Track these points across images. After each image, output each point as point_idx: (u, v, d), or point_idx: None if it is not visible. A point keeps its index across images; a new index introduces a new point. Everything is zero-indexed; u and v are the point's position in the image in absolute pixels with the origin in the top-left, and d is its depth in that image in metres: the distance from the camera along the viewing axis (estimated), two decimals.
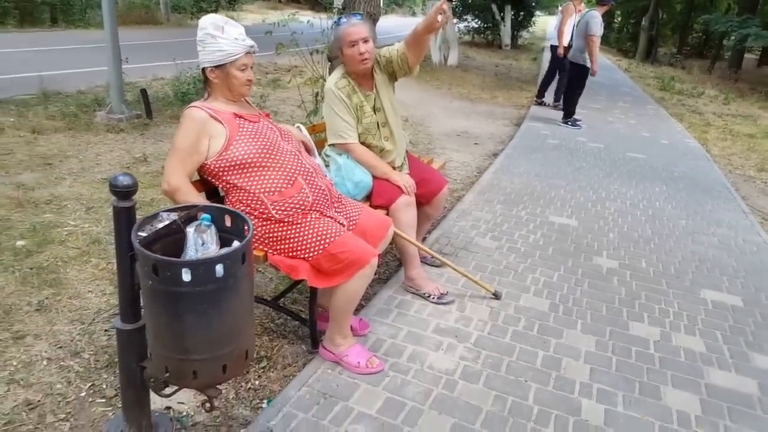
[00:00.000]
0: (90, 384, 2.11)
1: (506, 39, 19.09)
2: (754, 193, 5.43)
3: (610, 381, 2.28)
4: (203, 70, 2.07)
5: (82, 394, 2.06)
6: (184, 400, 2.05)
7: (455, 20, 17.13)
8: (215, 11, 21.72)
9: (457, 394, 2.13)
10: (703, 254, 3.67)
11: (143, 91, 6.05)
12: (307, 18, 5.42)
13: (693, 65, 19.53)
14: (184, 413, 2.00)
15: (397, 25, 21.53)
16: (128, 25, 15.45)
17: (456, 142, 6.53)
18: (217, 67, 2.03)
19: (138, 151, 4.85)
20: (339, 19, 2.68)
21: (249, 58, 2.08)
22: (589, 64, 7.21)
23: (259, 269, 3.06)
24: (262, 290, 2.83)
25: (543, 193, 4.68)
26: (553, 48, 8.57)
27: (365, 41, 2.57)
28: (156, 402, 1.97)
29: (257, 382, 2.20)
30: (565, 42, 8.01)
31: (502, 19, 18.73)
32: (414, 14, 28.78)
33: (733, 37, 17.48)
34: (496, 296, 2.87)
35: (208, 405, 1.81)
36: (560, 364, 2.36)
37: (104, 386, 2.11)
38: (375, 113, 2.73)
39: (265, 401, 2.09)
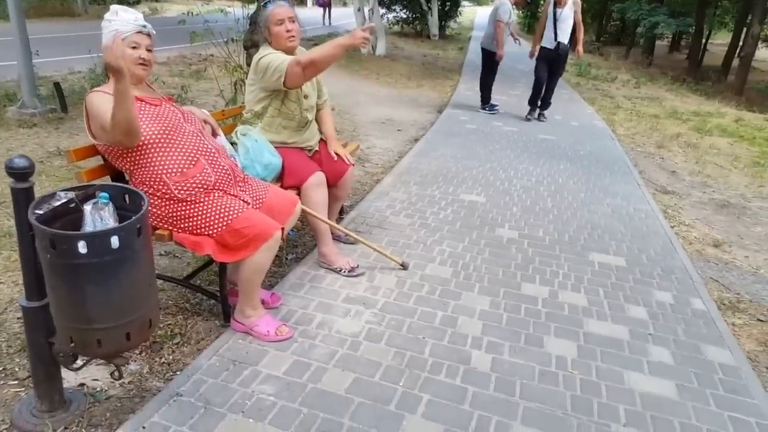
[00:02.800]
0: (1, 368, 2.15)
1: (434, 29, 19.48)
2: (651, 168, 5.92)
3: (499, 334, 2.53)
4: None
5: None
6: (98, 377, 2.13)
7: (383, 10, 17.33)
8: (137, 2, 21.01)
9: (360, 353, 2.32)
10: (596, 222, 4.03)
11: (57, 85, 5.89)
12: (223, 7, 5.45)
13: (610, 52, 20.60)
14: (98, 389, 2.08)
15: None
16: (43, 18, 14.76)
17: (380, 129, 6.73)
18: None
19: (52, 145, 4.76)
20: (265, 3, 2.83)
21: (142, 37, 2.14)
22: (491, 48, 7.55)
23: (176, 255, 3.15)
24: (178, 273, 2.91)
25: (457, 173, 4.94)
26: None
27: (291, 20, 2.75)
28: (70, 381, 2.05)
29: (171, 357, 2.29)
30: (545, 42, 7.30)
31: (429, 9, 19.09)
32: (345, 4, 28.66)
33: (644, 25, 18.53)
34: (404, 267, 3.07)
35: (116, 374, 1.92)
36: (456, 322, 2.60)
37: (17, 369, 2.16)
38: (299, 91, 2.87)
39: (178, 372, 2.20)
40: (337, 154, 3.11)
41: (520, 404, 2.09)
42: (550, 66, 7.31)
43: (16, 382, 2.11)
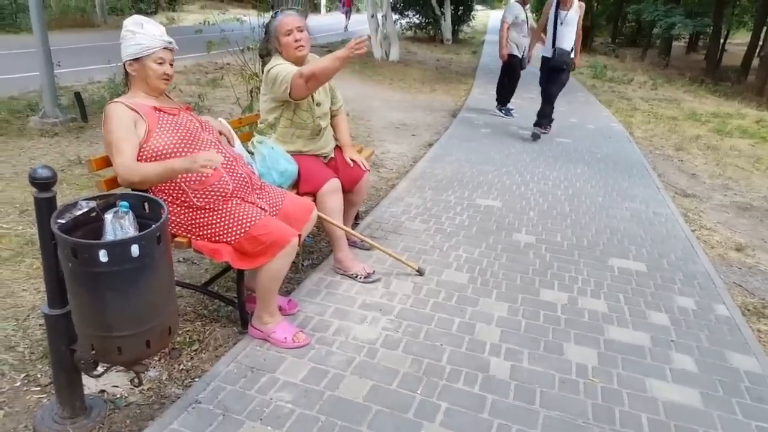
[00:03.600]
0: (24, 374, 2.18)
1: (447, 34, 19.47)
2: (670, 171, 5.84)
3: (518, 341, 2.51)
4: (124, 65, 2.17)
5: (17, 384, 2.13)
6: (118, 383, 2.15)
7: (396, 16, 17.37)
8: (155, 12, 21.32)
9: (377, 360, 2.31)
10: (615, 227, 3.98)
11: (77, 94, 5.98)
12: (240, 16, 5.51)
13: (626, 54, 20.40)
14: (118, 395, 2.10)
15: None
16: (63, 29, 15.02)
17: (394, 134, 6.73)
18: (135, 60, 2.13)
19: (73, 154, 4.84)
20: (275, 13, 2.89)
21: (167, 53, 2.18)
22: (516, 52, 7.47)
23: (195, 261, 3.17)
24: (196, 280, 2.94)
25: (472, 178, 4.92)
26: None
27: (300, 30, 2.78)
28: (90, 387, 2.07)
29: (189, 363, 2.31)
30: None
31: (443, 14, 19.09)
32: (358, 10, 28.79)
33: (660, 26, 18.35)
34: (420, 273, 3.06)
35: (136, 380, 1.94)
36: (474, 328, 2.58)
37: (39, 375, 2.18)
38: (311, 99, 2.89)
39: (197, 379, 2.21)
40: (352, 160, 3.12)
41: (541, 413, 2.06)
42: (549, 75, 6.48)
43: (38, 388, 2.13)
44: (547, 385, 2.21)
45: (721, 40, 21.08)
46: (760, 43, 18.23)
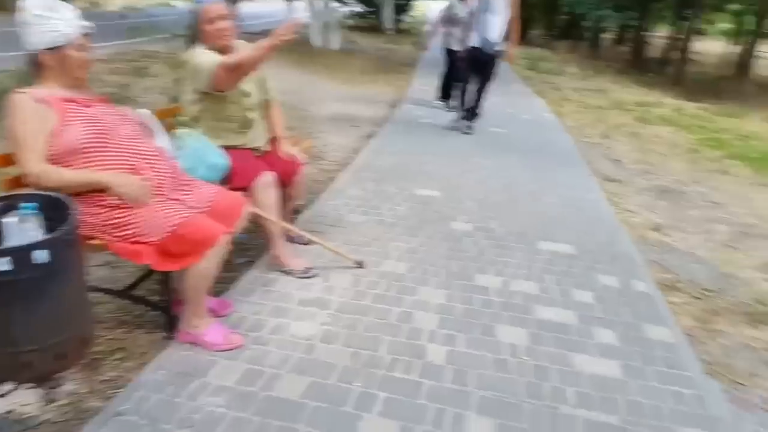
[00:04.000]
0: None
1: (388, 23, 19.48)
2: (597, 158, 6.07)
3: (454, 326, 2.54)
4: (34, 56, 1.99)
5: None
6: (30, 401, 1.97)
7: (337, 4, 17.22)
8: None
9: (316, 356, 2.28)
10: (546, 212, 4.10)
11: None
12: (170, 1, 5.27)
13: (559, 46, 21.07)
14: (29, 414, 1.92)
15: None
16: None
17: (335, 125, 6.67)
18: (51, 49, 1.98)
19: None
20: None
21: (86, 39, 2.06)
22: (457, 47, 6.98)
23: (115, 265, 3.00)
24: (119, 284, 2.78)
25: (412, 169, 4.95)
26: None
27: (223, 18, 2.67)
28: None
29: (112, 374, 2.15)
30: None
31: (384, 3, 19.07)
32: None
33: (590, 20, 19.04)
34: (360, 265, 3.05)
35: (49, 398, 1.81)
36: (412, 317, 2.59)
37: None
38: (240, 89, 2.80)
39: (120, 391, 2.09)
40: (289, 153, 3.06)
41: (475, 393, 2.10)
42: (476, 68, 6.10)
43: None
44: (481, 367, 2.26)
45: (645, 33, 22.10)
46: (679, 36, 19.21)
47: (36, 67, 2.03)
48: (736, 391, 2.32)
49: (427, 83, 10.02)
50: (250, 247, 3.33)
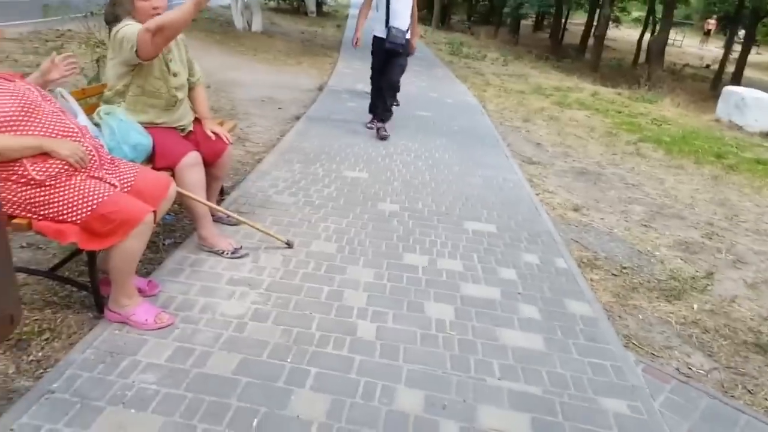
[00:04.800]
0: None
1: (311, 6, 19.23)
2: (518, 141, 6.36)
3: (383, 303, 2.63)
4: None
5: None
6: None
7: None
8: None
9: (247, 333, 2.30)
10: (469, 193, 4.27)
11: None
12: None
13: (480, 31, 21.61)
14: None
15: None
16: None
17: (260, 107, 6.57)
18: None
19: None
20: None
21: None
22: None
23: (41, 246, 2.89)
24: (43, 265, 2.68)
25: (339, 151, 4.98)
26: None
27: None
28: None
29: (40, 354, 2.12)
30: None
31: None
32: None
33: (510, 6, 19.63)
34: (289, 245, 3.07)
35: None
36: (342, 295, 2.66)
37: None
38: (167, 67, 2.74)
39: (50, 369, 2.05)
40: (214, 132, 3.01)
41: (404, 367, 2.20)
42: (386, 57, 5.41)
43: None
44: (409, 342, 2.37)
45: (563, 20, 23.09)
46: (594, 23, 20.22)
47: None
48: (652, 362, 2.52)
49: (350, 66, 10.06)
50: (176, 229, 3.28)
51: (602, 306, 2.93)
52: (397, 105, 6.40)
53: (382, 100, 5.67)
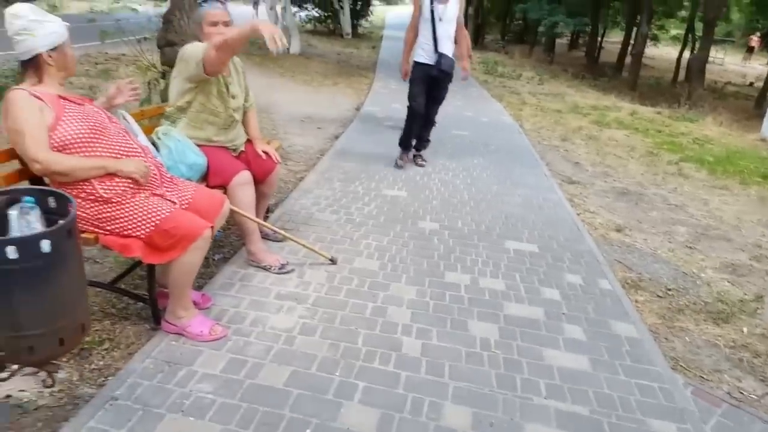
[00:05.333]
0: None
1: (347, 27, 19.55)
2: (556, 160, 6.34)
3: (427, 321, 2.67)
4: (33, 58, 2.05)
5: None
6: (26, 388, 2.04)
7: (295, 8, 17.20)
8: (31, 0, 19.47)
9: (296, 347, 2.38)
10: (509, 212, 4.29)
11: None
12: (135, 5, 5.26)
13: (515, 50, 21.61)
14: (26, 399, 1.99)
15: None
16: None
17: (300, 127, 6.73)
18: (53, 49, 2.06)
19: None
20: (203, 1, 2.89)
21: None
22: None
23: (97, 260, 3.04)
24: (100, 278, 2.82)
25: (378, 170, 5.07)
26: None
27: (225, 24, 2.80)
28: None
29: (101, 363, 2.23)
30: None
31: (341, 8, 19.14)
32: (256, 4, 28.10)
33: (545, 25, 19.63)
34: (333, 262, 3.15)
35: (48, 380, 1.87)
36: (386, 312, 2.71)
37: None
38: (227, 90, 2.90)
39: (110, 378, 2.15)
40: (264, 152, 3.14)
41: (450, 384, 2.23)
42: (429, 89, 5.00)
43: None
44: (454, 359, 2.40)
45: (599, 39, 22.94)
46: (631, 41, 20.04)
47: (35, 68, 2.08)
48: (701, 385, 2.49)
49: (387, 86, 10.20)
50: (225, 244, 3.40)
51: (648, 327, 2.90)
52: (423, 164, 5.46)
53: (424, 130, 5.32)
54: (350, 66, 12.87)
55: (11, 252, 1.51)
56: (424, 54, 4.90)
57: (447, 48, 4.86)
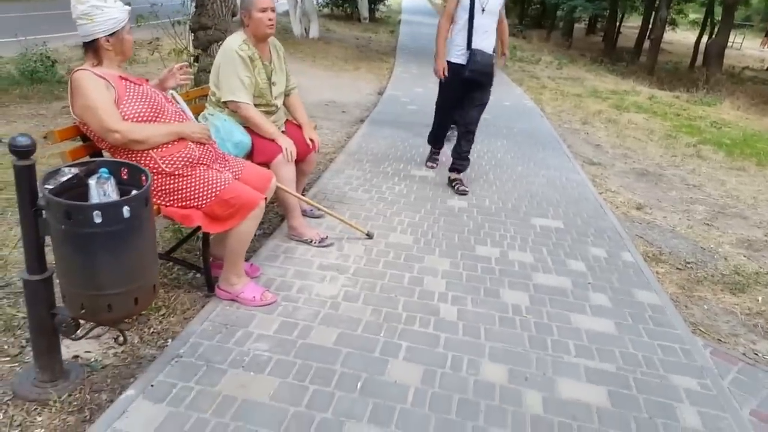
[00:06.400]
0: None
1: (364, 12, 19.55)
2: (578, 142, 6.43)
3: (461, 289, 2.83)
4: (93, 42, 2.17)
5: None
6: (91, 349, 2.23)
7: None
8: None
9: (341, 312, 2.54)
10: (534, 191, 4.42)
11: None
12: None
13: (533, 35, 21.49)
14: (93, 360, 2.18)
15: None
16: None
17: (324, 111, 6.87)
18: (111, 35, 2.17)
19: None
20: None
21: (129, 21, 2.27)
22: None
23: None
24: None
25: (405, 151, 5.21)
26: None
27: (273, 10, 2.92)
28: (63, 354, 2.13)
29: (159, 327, 2.41)
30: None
31: None
32: None
33: (563, 9, 19.46)
34: (369, 236, 3.31)
35: (120, 338, 2.05)
36: (422, 281, 2.87)
37: (5, 347, 2.22)
38: (269, 80, 3.04)
39: (169, 340, 2.33)
40: (311, 140, 3.27)
41: (486, 345, 2.39)
42: (463, 91, 4.21)
43: (8, 358, 2.17)
44: (489, 323, 2.55)
45: (617, 23, 22.69)
46: (650, 26, 19.81)
47: (94, 51, 2.20)
48: (719, 347, 2.65)
49: (407, 70, 10.28)
50: (264, 221, 3.56)
51: (669, 296, 3.04)
52: (465, 191, 4.36)
53: (458, 145, 4.38)
54: (370, 50, 12.94)
55: (96, 216, 1.67)
56: (455, 52, 4.12)
57: (483, 43, 4.03)
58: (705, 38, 19.76)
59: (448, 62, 4.13)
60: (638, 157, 6.07)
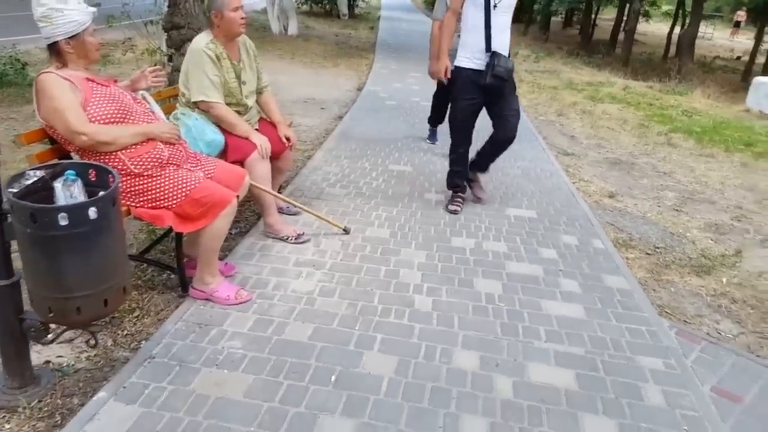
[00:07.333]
0: None
1: (343, 8, 19.51)
2: (553, 134, 6.50)
3: (436, 280, 2.87)
4: (53, 44, 2.15)
5: None
6: (63, 354, 2.21)
7: None
8: None
9: (317, 307, 2.56)
10: (509, 182, 4.48)
11: None
12: None
13: (511, 29, 21.55)
14: (65, 364, 2.16)
15: None
16: None
17: (303, 108, 6.86)
18: (71, 38, 2.15)
19: None
20: None
21: (93, 23, 2.24)
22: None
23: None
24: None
25: (383, 147, 5.23)
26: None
27: (242, 8, 2.94)
28: (34, 360, 2.11)
29: (133, 329, 2.40)
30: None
31: None
32: None
33: (540, 3, 19.58)
34: (346, 231, 3.33)
35: (92, 341, 2.04)
36: (398, 274, 2.91)
37: None
38: (238, 79, 3.04)
39: (143, 342, 2.32)
40: (287, 138, 3.28)
41: (460, 333, 2.43)
42: (487, 103, 3.71)
43: None
44: (463, 312, 2.60)
45: (593, 16, 22.88)
46: (624, 18, 20.01)
47: (56, 54, 2.18)
48: (684, 327, 2.72)
49: (387, 66, 10.29)
50: (240, 219, 3.57)
51: (637, 280, 3.11)
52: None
53: (493, 155, 3.94)
54: (349, 47, 12.92)
55: (62, 219, 1.67)
56: (469, 55, 3.55)
57: (502, 45, 3.52)
58: (678, 29, 20.02)
59: (459, 68, 3.59)
60: (611, 146, 6.16)
